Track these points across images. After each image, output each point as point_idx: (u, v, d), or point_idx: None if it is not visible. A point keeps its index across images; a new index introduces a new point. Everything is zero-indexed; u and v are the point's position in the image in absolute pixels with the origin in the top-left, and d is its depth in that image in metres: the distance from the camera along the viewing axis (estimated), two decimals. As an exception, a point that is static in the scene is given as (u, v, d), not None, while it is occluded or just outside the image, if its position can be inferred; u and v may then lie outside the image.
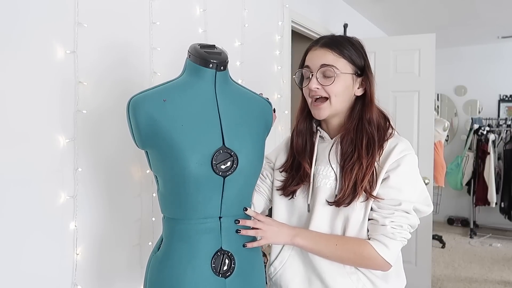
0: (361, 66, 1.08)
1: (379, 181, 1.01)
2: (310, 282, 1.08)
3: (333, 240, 1.02)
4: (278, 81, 2.44)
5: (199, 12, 1.79)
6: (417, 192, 1.03)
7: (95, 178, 1.36)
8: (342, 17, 3.29)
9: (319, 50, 1.06)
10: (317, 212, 1.06)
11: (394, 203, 0.99)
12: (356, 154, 1.03)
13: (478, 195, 4.81)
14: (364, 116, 1.06)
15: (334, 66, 1.03)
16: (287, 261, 1.11)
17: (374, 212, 1.01)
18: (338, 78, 1.03)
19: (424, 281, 3.16)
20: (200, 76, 1.00)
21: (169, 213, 1.01)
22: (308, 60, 1.08)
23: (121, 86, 1.43)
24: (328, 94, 1.05)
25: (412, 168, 1.03)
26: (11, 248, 1.13)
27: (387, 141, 1.05)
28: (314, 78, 1.05)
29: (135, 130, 0.95)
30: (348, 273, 1.04)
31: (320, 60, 1.05)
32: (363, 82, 1.08)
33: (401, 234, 0.99)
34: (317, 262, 1.06)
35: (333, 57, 1.04)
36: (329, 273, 1.04)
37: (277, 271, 1.12)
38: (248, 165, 1.00)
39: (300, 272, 1.09)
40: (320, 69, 1.04)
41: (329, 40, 1.07)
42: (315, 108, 1.07)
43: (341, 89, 1.05)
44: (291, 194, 1.12)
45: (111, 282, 1.43)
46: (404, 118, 3.02)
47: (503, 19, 4.04)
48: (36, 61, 1.18)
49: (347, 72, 1.05)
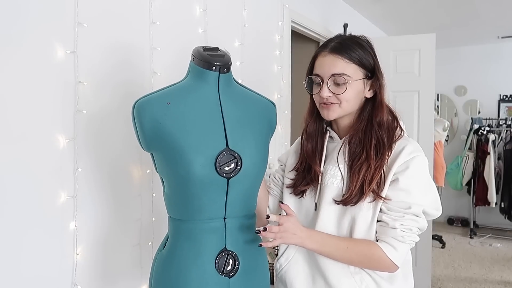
0: (371, 67, 1.06)
1: (387, 183, 1.01)
2: (314, 281, 1.08)
3: (343, 243, 1.01)
4: (278, 81, 2.45)
5: (199, 12, 1.79)
6: (426, 195, 1.03)
7: (95, 178, 1.36)
8: (342, 17, 3.29)
9: (329, 57, 1.04)
10: (323, 210, 1.06)
11: (404, 206, 0.99)
12: (364, 154, 1.03)
13: (478, 195, 4.81)
14: (374, 118, 1.06)
15: (345, 74, 1.02)
16: (292, 258, 1.12)
17: (384, 214, 1.01)
18: (349, 86, 1.03)
19: (424, 281, 3.16)
20: (204, 79, 1.01)
21: (175, 214, 1.02)
22: (318, 67, 1.07)
23: (122, 86, 1.43)
24: (339, 100, 1.04)
25: (421, 171, 1.02)
26: (11, 248, 1.13)
27: (395, 142, 1.05)
28: (325, 86, 1.04)
29: (140, 133, 0.97)
30: (352, 273, 1.04)
31: (331, 69, 1.03)
32: (373, 84, 1.08)
33: (410, 237, 1.00)
34: (321, 261, 1.06)
35: (343, 63, 1.03)
36: (333, 273, 1.05)
37: (283, 268, 1.13)
38: (252, 166, 1.01)
39: (304, 271, 1.10)
40: (331, 77, 1.03)
41: (338, 44, 1.05)
42: (325, 108, 1.07)
43: (353, 95, 1.05)
44: (301, 193, 1.13)
45: (111, 282, 1.43)
46: (404, 118, 3.00)
47: (503, 19, 4.04)
48: (36, 61, 1.18)
49: (358, 78, 1.04)
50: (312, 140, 1.15)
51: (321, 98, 1.05)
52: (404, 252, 1.00)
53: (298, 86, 2.61)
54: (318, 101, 1.09)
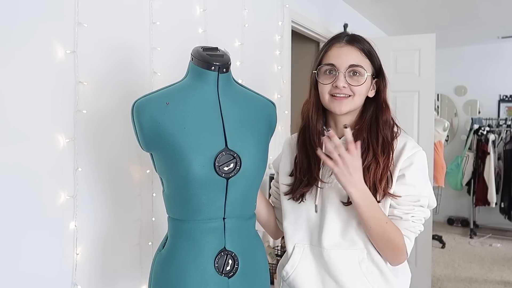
0: (378, 67, 1.08)
1: (394, 179, 1.03)
2: (324, 283, 1.06)
3: (385, 217, 1.00)
4: (278, 81, 2.45)
5: (199, 12, 1.79)
6: (427, 186, 1.06)
7: (95, 177, 1.36)
8: (342, 17, 3.29)
9: (347, 48, 1.04)
10: (330, 212, 1.06)
11: (413, 200, 1.03)
12: (371, 153, 1.03)
13: (478, 195, 4.81)
14: (380, 117, 1.07)
15: (362, 66, 1.03)
16: (298, 265, 1.10)
17: (395, 209, 1.03)
18: (364, 79, 1.03)
19: (424, 281, 3.16)
20: (203, 79, 1.01)
21: (174, 214, 1.02)
22: (333, 56, 1.04)
23: (122, 86, 1.43)
24: (353, 93, 1.04)
25: (424, 164, 1.06)
26: (11, 248, 1.13)
27: (396, 139, 1.07)
28: (342, 76, 1.02)
29: (139, 133, 0.97)
30: (364, 273, 1.03)
31: (348, 59, 1.03)
32: (377, 83, 1.09)
33: (419, 227, 1.04)
34: (331, 263, 1.04)
35: (360, 56, 1.04)
36: (344, 274, 1.04)
37: (289, 275, 1.11)
38: (251, 166, 1.00)
39: (312, 275, 1.08)
40: (349, 68, 1.03)
41: (353, 37, 1.06)
42: (337, 102, 1.04)
43: (365, 89, 1.05)
44: (301, 197, 1.10)
45: (111, 282, 1.43)
46: (404, 118, 3.01)
47: (503, 19, 4.04)
48: (36, 61, 1.18)
49: (370, 74, 1.06)
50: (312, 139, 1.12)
51: (335, 88, 1.03)
52: (413, 242, 1.05)
53: (298, 86, 2.61)
54: (326, 93, 1.06)
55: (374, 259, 1.04)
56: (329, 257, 1.05)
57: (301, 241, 1.11)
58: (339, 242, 1.05)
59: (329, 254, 1.05)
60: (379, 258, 1.04)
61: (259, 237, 1.10)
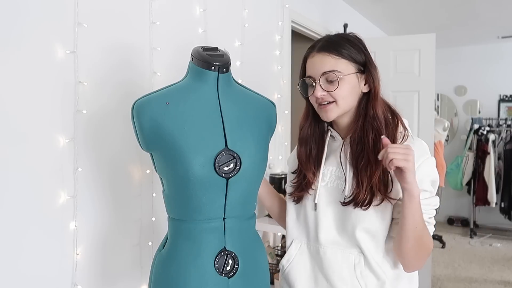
0: (363, 62, 1.05)
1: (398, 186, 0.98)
2: (316, 282, 1.07)
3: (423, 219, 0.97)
4: (278, 81, 2.45)
5: (199, 12, 1.79)
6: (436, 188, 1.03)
7: (95, 178, 1.36)
8: (342, 17, 3.29)
9: (317, 56, 1.04)
10: (328, 210, 1.06)
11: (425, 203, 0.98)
12: (366, 152, 1.01)
13: (478, 195, 4.81)
14: (368, 113, 1.04)
15: (336, 70, 1.01)
16: (294, 259, 1.11)
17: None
18: (342, 81, 1.01)
19: (424, 281, 3.16)
20: (203, 79, 1.01)
21: (174, 214, 1.02)
22: (309, 68, 1.06)
23: (122, 86, 1.43)
24: (334, 98, 1.03)
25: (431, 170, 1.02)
26: (11, 248, 1.13)
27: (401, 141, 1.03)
28: (318, 85, 1.03)
29: (139, 133, 0.97)
30: (358, 277, 1.02)
31: (320, 67, 1.02)
32: (367, 77, 1.06)
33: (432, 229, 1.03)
34: (325, 263, 1.04)
35: (332, 60, 1.02)
36: (337, 275, 1.03)
37: (285, 268, 1.13)
38: (251, 166, 1.00)
39: (306, 272, 1.09)
40: (322, 76, 1.02)
41: (325, 43, 1.05)
42: (322, 110, 1.05)
43: (347, 91, 1.03)
44: (299, 199, 1.12)
45: (111, 282, 1.43)
46: (405, 118, 3.02)
47: (503, 19, 4.04)
48: (36, 61, 1.18)
49: (350, 73, 1.03)
50: (306, 145, 1.13)
51: (316, 98, 1.04)
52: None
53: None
54: (314, 102, 1.07)
55: (371, 265, 1.01)
56: (325, 254, 1.05)
57: (299, 237, 1.12)
58: (337, 239, 1.04)
59: (325, 251, 1.05)
60: (377, 266, 1.01)
61: (259, 237, 1.11)
